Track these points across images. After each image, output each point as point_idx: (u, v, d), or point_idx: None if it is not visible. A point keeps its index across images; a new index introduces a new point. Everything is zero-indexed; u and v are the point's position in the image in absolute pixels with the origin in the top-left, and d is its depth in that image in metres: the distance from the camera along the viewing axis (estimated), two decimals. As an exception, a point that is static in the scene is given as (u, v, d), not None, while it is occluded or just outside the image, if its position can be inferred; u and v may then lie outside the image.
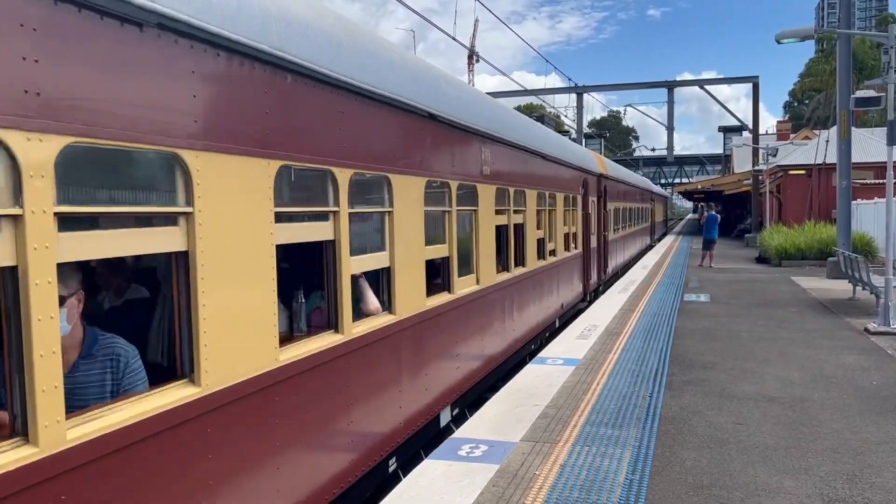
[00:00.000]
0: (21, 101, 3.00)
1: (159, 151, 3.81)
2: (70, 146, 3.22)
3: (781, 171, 40.65)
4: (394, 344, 6.79)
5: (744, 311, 15.81)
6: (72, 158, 3.25)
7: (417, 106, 7.14)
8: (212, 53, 4.15)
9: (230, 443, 4.36)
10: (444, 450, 6.75)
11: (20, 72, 2.99)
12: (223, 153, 4.26)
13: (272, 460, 4.79)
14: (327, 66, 5.40)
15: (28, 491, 3.03)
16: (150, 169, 3.96)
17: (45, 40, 3.10)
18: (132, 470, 3.60)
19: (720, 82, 55.77)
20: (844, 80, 21.83)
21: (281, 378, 4.84)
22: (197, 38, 4.00)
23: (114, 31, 3.48)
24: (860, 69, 61.24)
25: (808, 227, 30.25)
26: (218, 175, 4.20)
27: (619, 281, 22.12)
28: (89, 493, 3.36)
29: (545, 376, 9.57)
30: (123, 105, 3.52)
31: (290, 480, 5.01)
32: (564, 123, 49.42)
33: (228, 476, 4.36)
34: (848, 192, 21.76)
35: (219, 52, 4.21)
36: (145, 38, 3.66)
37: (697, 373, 9.94)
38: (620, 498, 5.65)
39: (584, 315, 15.24)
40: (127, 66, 3.55)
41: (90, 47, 3.35)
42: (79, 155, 3.31)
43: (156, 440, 3.74)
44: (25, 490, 3.02)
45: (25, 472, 3.02)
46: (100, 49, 3.40)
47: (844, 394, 8.82)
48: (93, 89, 3.36)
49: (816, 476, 6.18)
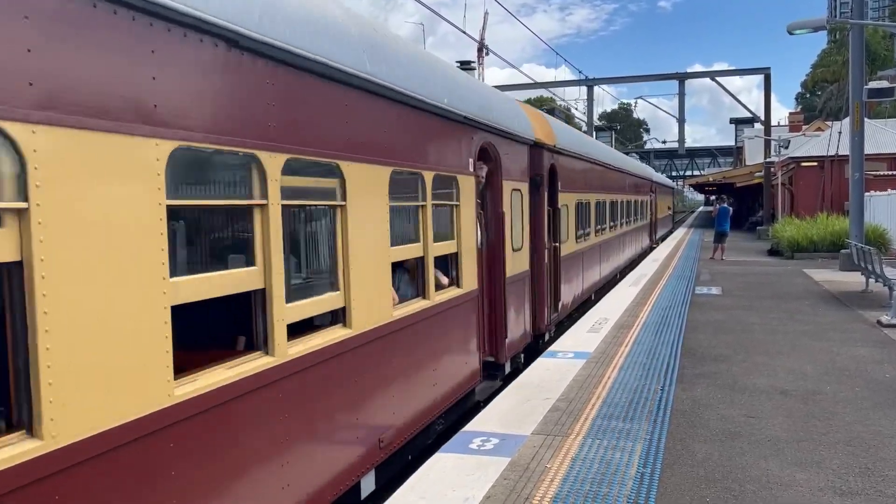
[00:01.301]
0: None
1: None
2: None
3: (793, 163, 40.39)
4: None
5: (756, 303, 15.74)
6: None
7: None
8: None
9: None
10: (455, 443, 6.77)
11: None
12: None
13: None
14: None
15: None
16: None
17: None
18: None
19: (731, 74, 55.26)
20: (857, 71, 21.64)
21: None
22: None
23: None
24: (873, 60, 60.78)
25: (820, 220, 30.05)
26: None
27: (630, 274, 22.05)
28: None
29: (556, 370, 9.57)
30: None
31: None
32: (575, 116, 49.31)
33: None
34: (861, 184, 21.59)
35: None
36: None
37: (709, 366, 9.91)
38: (632, 491, 5.65)
39: (595, 308, 15.21)
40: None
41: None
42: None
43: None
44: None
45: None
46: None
47: (857, 386, 8.78)
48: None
49: (829, 469, 6.16)
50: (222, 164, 4.52)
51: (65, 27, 3.17)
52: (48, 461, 3.03)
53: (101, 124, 3.34)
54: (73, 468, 3.14)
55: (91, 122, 3.28)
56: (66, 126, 3.15)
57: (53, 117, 3.09)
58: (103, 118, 3.35)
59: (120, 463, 3.43)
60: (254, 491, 4.51)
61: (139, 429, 3.54)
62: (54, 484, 3.05)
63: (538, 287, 11.77)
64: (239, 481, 4.39)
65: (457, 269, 8.19)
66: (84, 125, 3.24)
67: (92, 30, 3.32)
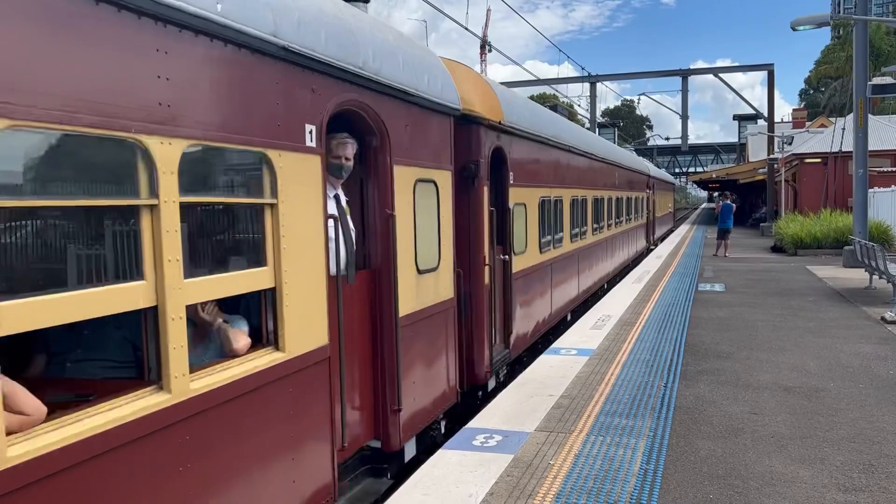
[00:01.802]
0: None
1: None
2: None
3: (797, 160, 40.36)
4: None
5: (759, 300, 15.72)
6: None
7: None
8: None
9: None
10: (458, 440, 6.78)
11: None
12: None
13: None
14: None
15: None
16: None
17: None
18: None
19: (735, 70, 55.33)
20: (861, 67, 21.60)
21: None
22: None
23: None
24: (877, 56, 60.56)
25: (823, 216, 30.03)
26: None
27: (633, 271, 22.02)
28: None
29: (559, 367, 9.57)
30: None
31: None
32: (578, 113, 49.29)
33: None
34: (864, 180, 21.59)
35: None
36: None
37: (712, 362, 9.91)
38: (635, 488, 5.66)
39: (598, 305, 15.20)
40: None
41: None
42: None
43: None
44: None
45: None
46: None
47: (861, 383, 8.77)
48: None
49: (832, 466, 6.16)
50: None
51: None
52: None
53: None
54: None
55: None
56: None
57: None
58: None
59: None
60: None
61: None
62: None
63: (474, 319, 8.57)
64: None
65: (275, 315, 4.61)
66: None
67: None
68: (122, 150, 3.48)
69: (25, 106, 2.90)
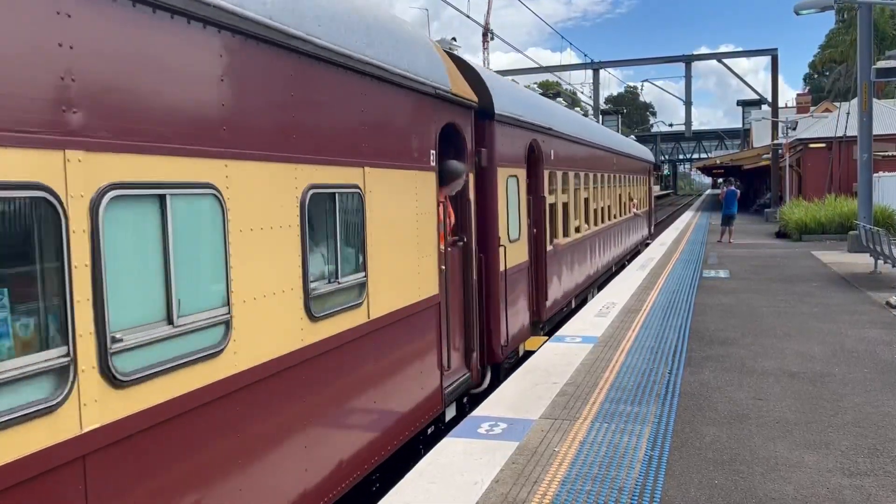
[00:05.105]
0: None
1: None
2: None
3: (801, 145, 40.19)
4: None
5: (763, 286, 15.71)
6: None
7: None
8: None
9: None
10: (463, 428, 6.80)
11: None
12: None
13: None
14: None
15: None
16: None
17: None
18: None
19: (739, 55, 55.17)
20: (865, 51, 21.49)
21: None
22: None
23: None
24: (881, 40, 60.12)
25: (828, 201, 29.95)
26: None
27: (637, 258, 22.02)
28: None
29: (564, 354, 9.58)
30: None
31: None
32: (581, 100, 49.10)
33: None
34: (869, 165, 21.50)
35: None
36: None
37: (717, 349, 9.91)
38: (640, 474, 5.67)
39: (603, 293, 15.20)
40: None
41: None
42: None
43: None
44: None
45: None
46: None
47: (866, 368, 8.77)
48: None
49: (837, 450, 6.17)
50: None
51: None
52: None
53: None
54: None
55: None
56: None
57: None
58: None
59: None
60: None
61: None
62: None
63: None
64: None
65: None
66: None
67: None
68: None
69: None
